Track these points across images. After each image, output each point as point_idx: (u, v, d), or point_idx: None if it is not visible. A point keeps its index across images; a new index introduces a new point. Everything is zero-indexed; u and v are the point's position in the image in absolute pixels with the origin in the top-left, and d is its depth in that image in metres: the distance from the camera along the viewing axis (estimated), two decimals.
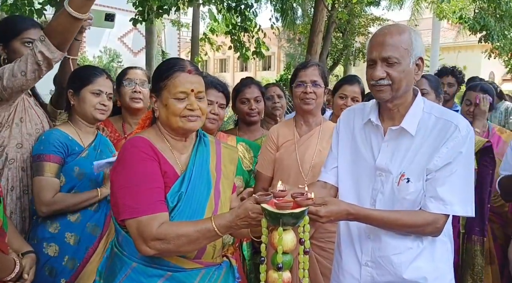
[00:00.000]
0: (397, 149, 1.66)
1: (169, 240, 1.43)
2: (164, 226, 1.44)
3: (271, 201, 1.42)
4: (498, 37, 8.80)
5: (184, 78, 1.55)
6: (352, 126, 1.78)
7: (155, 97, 1.58)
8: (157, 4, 6.10)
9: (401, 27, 1.63)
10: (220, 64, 36.46)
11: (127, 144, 1.54)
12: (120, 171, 1.49)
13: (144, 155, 1.50)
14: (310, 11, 14.37)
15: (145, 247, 1.44)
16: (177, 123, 1.56)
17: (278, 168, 2.22)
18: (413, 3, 15.42)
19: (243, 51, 7.42)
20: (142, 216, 1.44)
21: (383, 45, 1.58)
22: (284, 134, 2.28)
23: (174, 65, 1.57)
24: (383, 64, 1.58)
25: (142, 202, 1.45)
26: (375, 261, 1.68)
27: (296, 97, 2.22)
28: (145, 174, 1.48)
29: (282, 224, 1.39)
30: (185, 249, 1.47)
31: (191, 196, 1.57)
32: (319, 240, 2.22)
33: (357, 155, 1.73)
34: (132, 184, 1.46)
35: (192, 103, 1.55)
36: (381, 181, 1.67)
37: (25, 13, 6.02)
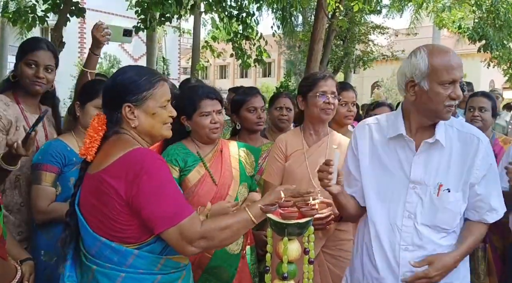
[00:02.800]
0: (428, 161, 1.70)
1: (213, 236, 1.48)
2: (206, 224, 1.49)
3: (277, 211, 1.43)
4: (497, 46, 8.87)
5: (166, 87, 1.63)
6: (371, 142, 1.78)
7: (131, 107, 1.55)
8: (159, 12, 6.15)
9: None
10: (220, 70, 36.57)
11: (140, 156, 1.48)
12: (147, 184, 1.44)
13: (163, 163, 1.54)
14: (311, 19, 14.46)
15: (191, 247, 1.46)
16: (161, 132, 1.62)
17: (288, 178, 2.22)
18: (413, 12, 15.52)
19: (245, 58, 7.46)
20: (180, 221, 1.44)
21: (461, 68, 1.65)
22: (292, 144, 2.28)
23: (154, 74, 1.61)
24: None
25: (178, 207, 1.47)
26: (413, 272, 1.68)
27: (316, 107, 2.21)
28: (169, 181, 1.50)
29: (287, 234, 1.41)
30: (228, 242, 1.56)
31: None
32: (330, 248, 2.24)
33: (383, 170, 1.73)
34: (163, 194, 1.45)
35: (172, 111, 1.63)
36: (416, 193, 1.70)
37: (28, 20, 6.07)
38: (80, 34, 20.63)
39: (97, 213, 1.49)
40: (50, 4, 5.92)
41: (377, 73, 22.73)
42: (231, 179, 2.20)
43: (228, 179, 2.20)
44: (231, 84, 34.44)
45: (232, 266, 2.16)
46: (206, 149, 2.23)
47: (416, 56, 1.66)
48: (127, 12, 16.33)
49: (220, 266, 2.12)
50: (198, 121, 2.16)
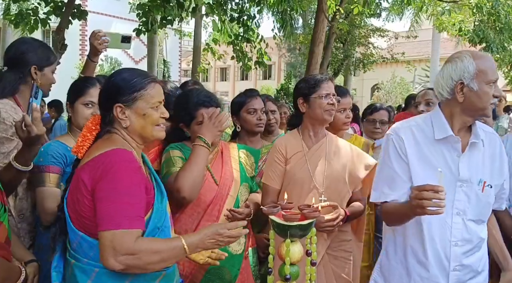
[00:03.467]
0: (471, 159, 1.84)
1: (141, 256, 1.43)
2: (140, 241, 1.45)
3: (279, 213, 1.45)
4: (498, 49, 8.88)
5: (159, 89, 1.64)
6: (417, 144, 1.84)
7: (122, 107, 1.58)
8: (161, 15, 6.17)
9: None
10: (220, 73, 36.62)
11: (113, 156, 1.51)
12: (108, 183, 1.47)
13: (133, 169, 1.52)
14: (311, 21, 14.50)
15: (113, 261, 1.41)
16: (151, 132, 1.62)
17: (290, 181, 2.23)
18: (413, 15, 15.56)
19: (245, 61, 7.48)
20: (117, 229, 1.43)
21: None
22: (292, 146, 2.28)
23: (146, 76, 1.63)
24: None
25: (122, 215, 1.44)
26: (464, 265, 1.83)
27: (321, 108, 2.22)
28: (129, 188, 1.48)
29: (290, 236, 1.43)
30: (153, 267, 1.48)
31: (165, 201, 1.66)
32: (333, 249, 2.24)
33: (432, 171, 1.79)
34: (116, 196, 1.46)
35: (164, 112, 1.64)
36: (463, 191, 1.82)
37: (30, 22, 6.10)
38: (82, 36, 20.68)
39: (75, 208, 1.53)
40: (52, 7, 5.96)
41: (377, 75, 22.80)
42: (232, 179, 2.21)
43: (229, 179, 2.21)
44: (232, 86, 34.54)
45: (235, 267, 2.16)
46: None
47: (462, 61, 1.80)
48: (129, 14, 16.36)
49: (223, 266, 2.12)
50: (196, 130, 2.17)
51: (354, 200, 2.30)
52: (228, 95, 29.81)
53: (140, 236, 1.47)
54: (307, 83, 2.29)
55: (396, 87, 22.63)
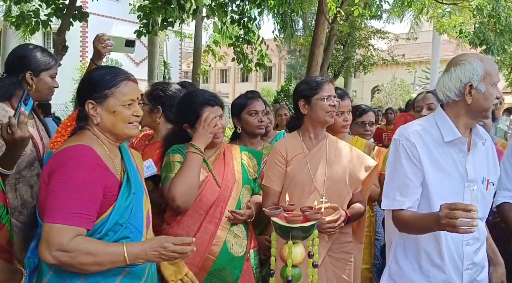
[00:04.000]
0: (475, 159, 1.88)
1: (75, 255, 1.43)
2: (77, 240, 1.44)
3: (281, 215, 1.45)
4: (498, 51, 8.89)
5: (132, 87, 1.64)
6: (426, 147, 1.85)
7: (94, 104, 1.60)
8: (161, 17, 6.17)
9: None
10: (221, 74, 36.65)
11: (72, 151, 1.53)
12: (59, 176, 1.49)
13: (88, 165, 1.51)
14: (311, 23, 14.52)
15: (48, 254, 1.43)
16: (123, 130, 1.63)
17: (291, 183, 2.23)
18: (413, 17, 15.58)
19: (246, 62, 7.49)
20: (56, 223, 1.43)
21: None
22: (292, 148, 2.28)
23: (119, 73, 1.64)
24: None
25: (63, 210, 1.45)
26: (477, 263, 1.88)
27: (322, 110, 2.23)
28: (82, 184, 1.48)
29: (292, 238, 1.42)
30: (87, 268, 1.46)
31: (137, 196, 1.64)
32: (334, 251, 2.25)
33: (442, 173, 1.84)
34: (62, 190, 1.47)
35: (138, 110, 1.64)
36: (470, 191, 1.84)
37: (31, 24, 6.11)
38: (82, 38, 20.70)
39: (40, 200, 1.57)
40: (53, 9, 5.96)
41: (377, 77, 22.82)
42: (234, 181, 2.21)
43: (231, 181, 2.21)
44: (232, 88, 34.56)
45: (237, 269, 2.16)
46: (208, 152, 2.23)
47: (471, 63, 1.83)
48: (129, 16, 16.38)
49: (225, 268, 2.12)
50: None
51: (354, 201, 2.30)
52: (229, 97, 29.82)
53: (81, 234, 1.46)
54: (308, 85, 2.29)
55: (396, 89, 22.64)
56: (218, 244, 2.11)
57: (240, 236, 2.19)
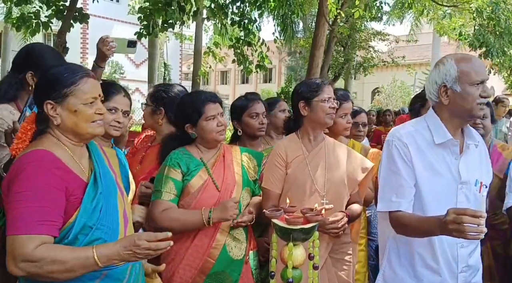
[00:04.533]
0: (468, 161, 1.86)
1: (42, 264, 1.37)
2: (42, 248, 1.38)
3: (282, 216, 1.45)
4: (498, 54, 8.90)
5: (92, 84, 1.56)
6: (419, 149, 1.84)
7: (53, 104, 1.52)
8: (162, 19, 6.18)
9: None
10: (221, 76, 36.67)
11: (27, 158, 1.46)
12: (16, 185, 1.43)
13: (45, 171, 1.45)
14: (312, 25, 14.53)
15: (14, 267, 1.38)
16: (86, 130, 1.55)
17: (291, 185, 2.23)
18: (413, 19, 15.59)
19: (246, 64, 7.49)
20: (19, 234, 1.38)
21: (485, 69, 1.84)
22: (292, 150, 2.28)
23: (77, 70, 1.56)
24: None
25: (23, 220, 1.39)
26: (471, 265, 1.87)
27: (323, 112, 2.25)
28: (41, 191, 1.43)
29: (292, 239, 1.43)
30: (57, 276, 1.40)
31: (107, 195, 1.58)
32: (335, 252, 2.25)
33: (435, 174, 1.82)
34: (21, 200, 1.41)
35: (100, 108, 1.57)
36: (463, 193, 1.84)
37: (32, 26, 6.12)
38: (83, 39, 20.72)
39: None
40: (54, 10, 5.98)
41: (377, 79, 22.82)
42: (234, 184, 2.21)
43: (231, 184, 2.20)
44: (232, 90, 34.57)
45: (235, 272, 2.16)
46: (208, 154, 2.24)
47: (444, 64, 1.82)
48: (130, 18, 16.40)
49: (224, 271, 2.12)
50: (204, 126, 2.17)
51: (352, 202, 2.32)
52: (229, 99, 29.81)
53: (47, 242, 1.41)
54: (308, 87, 2.30)
55: (396, 91, 22.66)
56: (217, 247, 2.11)
57: (240, 239, 2.19)
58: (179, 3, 6.07)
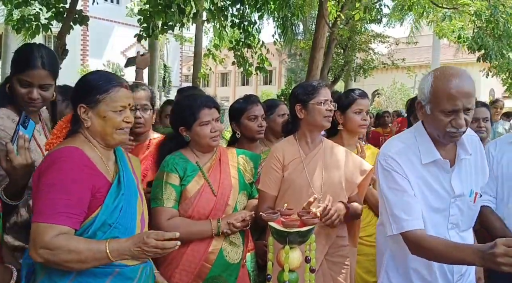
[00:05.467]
0: (461, 173, 1.80)
1: (58, 253, 1.46)
2: (60, 238, 1.47)
3: (278, 219, 1.45)
4: (496, 56, 8.91)
5: (123, 93, 1.65)
6: (413, 167, 1.77)
7: (86, 108, 1.63)
8: (162, 21, 6.19)
9: (468, 73, 1.67)
10: (221, 78, 36.70)
11: (60, 153, 1.57)
12: (46, 177, 1.53)
13: (74, 166, 1.54)
14: (312, 27, 14.54)
15: (34, 253, 1.47)
16: (112, 135, 1.64)
17: (288, 188, 2.22)
18: (413, 21, 15.60)
19: (246, 66, 7.50)
20: (42, 222, 1.48)
21: (468, 96, 1.61)
22: (289, 152, 2.28)
23: (112, 79, 1.66)
24: (464, 112, 1.62)
25: (47, 209, 1.49)
26: (463, 273, 1.84)
27: (319, 114, 2.24)
28: (68, 184, 1.51)
29: (289, 242, 1.43)
30: (72, 265, 1.48)
31: (128, 197, 1.65)
32: (332, 255, 2.24)
33: (429, 189, 1.78)
34: (49, 190, 1.51)
35: (129, 117, 1.66)
36: (457, 206, 1.79)
37: (32, 28, 6.13)
38: (83, 41, 20.76)
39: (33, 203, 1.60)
40: (53, 12, 5.98)
41: (377, 81, 22.83)
42: (230, 188, 2.19)
43: (227, 188, 2.18)
44: (232, 92, 34.59)
45: (232, 276, 2.15)
46: (204, 158, 2.23)
47: (424, 80, 1.69)
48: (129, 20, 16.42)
49: (220, 275, 2.11)
50: (198, 131, 2.17)
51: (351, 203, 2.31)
52: (229, 100, 29.81)
53: (66, 233, 1.49)
54: (304, 89, 2.29)
55: (396, 93, 22.68)
56: (214, 251, 2.10)
57: (236, 243, 2.17)
58: (178, 5, 6.07)
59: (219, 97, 25.38)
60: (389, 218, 1.75)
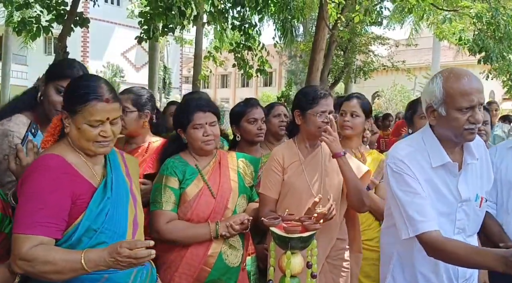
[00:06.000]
0: (468, 177, 1.80)
1: (34, 264, 1.43)
2: (38, 248, 1.43)
3: (280, 225, 1.45)
4: (497, 58, 8.91)
5: (101, 108, 1.57)
6: (422, 170, 1.77)
7: (66, 115, 1.60)
8: (162, 23, 6.20)
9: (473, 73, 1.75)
10: (221, 79, 36.74)
11: (37, 162, 1.57)
12: (25, 187, 1.52)
13: (51, 175, 1.52)
14: (312, 29, 14.56)
15: (14, 264, 1.45)
16: (88, 147, 1.60)
17: (288, 191, 2.23)
18: (413, 23, 15.62)
19: (247, 69, 7.50)
20: (20, 233, 1.45)
21: (480, 92, 1.65)
22: (289, 156, 2.28)
23: (92, 92, 1.58)
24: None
25: (25, 220, 1.47)
26: (468, 278, 1.86)
27: (314, 126, 2.22)
28: (46, 193, 1.49)
29: (291, 248, 1.43)
30: (50, 276, 1.45)
31: (116, 201, 1.62)
32: (333, 258, 2.24)
33: (437, 193, 1.77)
34: (27, 201, 1.49)
35: (106, 131, 1.59)
36: (463, 210, 1.80)
37: (32, 30, 6.14)
38: (83, 43, 20.80)
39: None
40: (54, 15, 6.00)
41: (377, 83, 22.83)
42: (230, 191, 2.19)
43: (227, 191, 2.18)
44: (232, 93, 34.64)
45: (232, 279, 2.14)
46: (204, 161, 2.23)
47: (432, 83, 1.70)
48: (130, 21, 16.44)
49: (220, 279, 2.11)
50: (191, 133, 2.17)
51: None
52: (229, 102, 29.88)
53: (46, 243, 1.46)
54: (305, 97, 2.27)
55: (396, 95, 22.68)
56: (213, 255, 2.10)
57: (236, 246, 2.17)
58: (179, 7, 6.08)
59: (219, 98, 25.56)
60: (404, 221, 1.72)
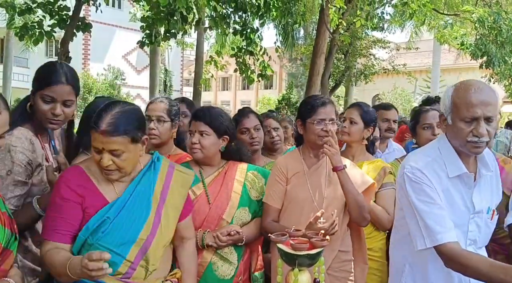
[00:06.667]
0: (481, 190, 1.81)
1: (48, 266, 1.62)
2: (51, 252, 1.61)
3: (287, 242, 1.44)
4: (499, 63, 8.92)
5: (96, 138, 1.63)
6: (439, 180, 1.76)
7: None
8: (164, 28, 6.20)
9: (489, 86, 1.74)
10: (222, 82, 36.74)
11: (62, 174, 1.75)
12: (51, 194, 1.72)
13: (70, 186, 1.66)
14: (313, 32, 14.56)
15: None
16: (101, 172, 1.70)
17: (291, 201, 2.22)
18: (413, 26, 15.63)
19: (248, 73, 7.50)
20: (43, 237, 1.67)
21: (487, 104, 1.65)
22: (293, 166, 2.27)
23: (96, 121, 1.62)
24: (484, 122, 1.66)
25: (47, 227, 1.67)
26: None
27: (314, 134, 2.21)
28: (59, 203, 1.65)
29: (298, 265, 1.42)
30: (58, 278, 1.63)
31: (122, 221, 1.65)
32: (335, 270, 2.22)
33: (451, 204, 1.77)
34: (49, 209, 1.69)
35: (103, 161, 1.63)
36: (475, 222, 1.79)
37: (35, 35, 6.13)
38: (84, 46, 20.80)
39: None
40: (57, 19, 5.99)
41: (378, 86, 22.83)
42: (228, 202, 2.16)
43: (224, 202, 2.16)
44: (233, 96, 34.64)
45: None
46: (209, 170, 2.23)
47: (445, 93, 1.74)
48: (132, 24, 16.46)
49: None
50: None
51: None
52: (230, 105, 29.91)
53: (61, 248, 1.62)
54: (305, 106, 2.28)
55: (397, 98, 22.68)
56: (202, 264, 2.07)
57: (229, 259, 2.13)
58: (181, 13, 6.08)
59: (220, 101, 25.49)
60: (421, 231, 1.71)
